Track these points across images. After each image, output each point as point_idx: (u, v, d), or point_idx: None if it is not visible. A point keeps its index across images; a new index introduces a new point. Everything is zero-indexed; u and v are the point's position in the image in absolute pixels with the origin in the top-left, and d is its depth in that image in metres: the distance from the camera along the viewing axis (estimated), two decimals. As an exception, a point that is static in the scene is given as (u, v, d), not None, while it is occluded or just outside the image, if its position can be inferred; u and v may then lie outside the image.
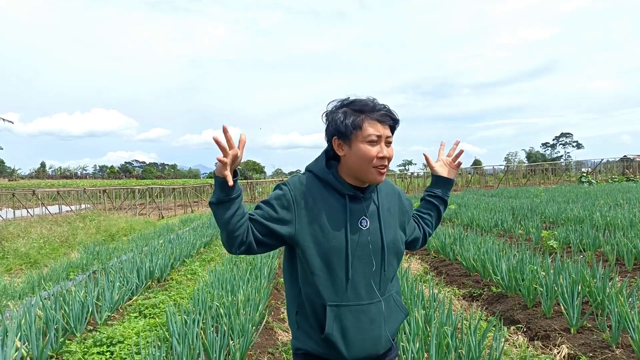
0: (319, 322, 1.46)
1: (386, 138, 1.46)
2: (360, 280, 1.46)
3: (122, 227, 14.09)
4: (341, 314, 1.44)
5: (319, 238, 1.45)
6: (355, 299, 1.45)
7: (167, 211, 24.58)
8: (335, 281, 1.44)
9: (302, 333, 1.50)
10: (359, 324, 1.45)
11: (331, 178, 1.48)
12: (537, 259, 5.03)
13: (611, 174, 31.11)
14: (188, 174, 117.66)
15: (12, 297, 5.47)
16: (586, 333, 3.49)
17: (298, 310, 1.52)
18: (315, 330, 1.47)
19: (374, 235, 1.49)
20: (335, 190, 1.49)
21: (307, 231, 1.45)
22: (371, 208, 1.51)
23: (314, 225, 1.45)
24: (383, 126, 1.44)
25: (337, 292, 1.44)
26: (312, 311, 1.47)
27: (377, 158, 1.43)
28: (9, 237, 10.17)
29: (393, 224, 1.56)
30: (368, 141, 1.42)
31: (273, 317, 4.46)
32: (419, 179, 38.36)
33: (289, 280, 1.56)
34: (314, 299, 1.46)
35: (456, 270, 6.05)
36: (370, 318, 1.47)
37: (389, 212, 1.56)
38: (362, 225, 1.48)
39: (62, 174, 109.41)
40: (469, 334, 2.96)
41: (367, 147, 1.43)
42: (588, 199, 13.34)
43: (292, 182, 1.50)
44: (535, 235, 7.35)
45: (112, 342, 3.64)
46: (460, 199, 17.23)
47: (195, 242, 8.97)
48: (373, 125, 1.43)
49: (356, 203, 1.49)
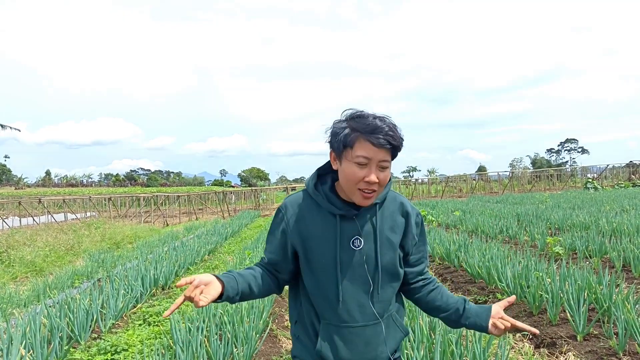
0: (315, 334, 1.46)
1: (379, 162, 1.34)
2: (352, 302, 1.41)
3: (127, 235, 14.13)
4: (332, 333, 1.42)
5: (309, 258, 1.44)
6: (349, 321, 1.41)
7: (171, 219, 24.64)
8: (327, 301, 1.42)
9: (299, 343, 1.51)
10: (352, 346, 1.42)
11: (320, 199, 1.44)
12: (542, 265, 5.00)
13: (617, 179, 30.91)
14: (193, 181, 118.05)
15: (17, 305, 5.49)
16: (593, 340, 3.46)
17: (297, 320, 1.53)
18: (312, 342, 1.47)
19: (369, 255, 1.42)
20: (327, 209, 1.44)
21: (300, 250, 1.45)
22: (366, 227, 1.43)
23: (305, 245, 1.44)
24: (377, 149, 1.32)
25: (329, 311, 1.42)
26: (311, 324, 1.47)
27: (364, 181, 1.34)
28: (15, 245, 10.22)
29: (395, 243, 1.46)
30: (356, 162, 1.34)
31: (277, 324, 4.45)
32: (423, 185, 38.28)
33: (293, 290, 1.57)
34: (310, 313, 1.47)
35: (461, 277, 6.01)
36: (365, 340, 1.43)
37: (392, 231, 1.46)
38: (354, 245, 1.41)
39: (68, 182, 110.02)
40: (473, 341, 2.94)
41: (354, 168, 1.34)
42: (594, 205, 13.25)
43: (285, 205, 1.50)
44: (540, 241, 7.30)
45: (117, 350, 3.65)
46: (465, 205, 17.17)
47: (200, 250, 8.98)
48: (364, 147, 1.33)
49: (349, 222, 1.43)
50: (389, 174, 1.40)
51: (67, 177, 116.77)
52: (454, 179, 36.82)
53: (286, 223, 1.48)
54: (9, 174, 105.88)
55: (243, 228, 16.24)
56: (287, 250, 1.48)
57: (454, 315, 1.52)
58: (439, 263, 7.10)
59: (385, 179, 1.38)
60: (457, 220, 11.93)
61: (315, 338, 1.45)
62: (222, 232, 12.78)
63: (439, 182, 38.46)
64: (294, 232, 1.46)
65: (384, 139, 1.32)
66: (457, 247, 6.86)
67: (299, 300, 1.52)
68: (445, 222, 12.20)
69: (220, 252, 10.28)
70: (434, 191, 35.92)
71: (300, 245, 1.45)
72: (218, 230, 13.10)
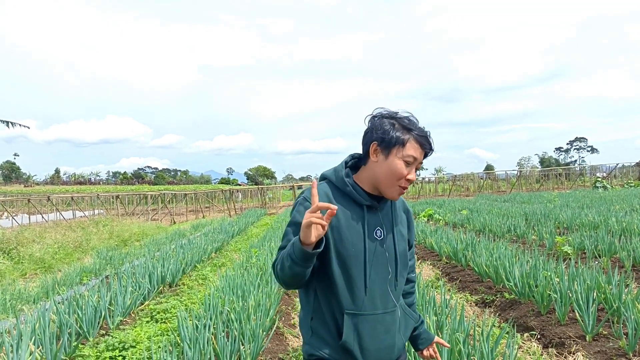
0: (337, 328, 1.48)
1: (419, 163, 1.50)
2: (376, 290, 1.49)
3: (134, 233, 14.22)
4: (358, 323, 1.46)
5: (338, 247, 1.46)
6: (372, 309, 1.48)
7: (178, 216, 24.77)
8: (353, 290, 1.46)
9: (317, 339, 1.50)
10: (374, 333, 1.47)
11: (350, 190, 1.50)
12: (550, 264, 4.96)
13: (627, 178, 30.60)
14: (200, 179, 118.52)
15: (26, 301, 5.55)
16: (602, 340, 3.43)
17: (313, 316, 1.52)
18: (333, 337, 1.48)
19: (388, 245, 1.52)
20: (354, 200, 1.51)
21: (328, 240, 1.46)
22: (386, 219, 1.55)
23: (334, 235, 1.46)
24: (422, 151, 1.48)
25: (354, 301, 1.46)
26: (331, 317, 1.48)
27: (405, 179, 1.47)
28: (24, 242, 10.32)
29: (404, 236, 1.61)
30: (405, 160, 1.46)
31: (284, 322, 4.45)
32: (430, 184, 38.14)
33: (304, 286, 1.55)
34: (332, 306, 1.48)
35: (468, 276, 5.98)
36: (385, 327, 1.50)
37: (402, 224, 1.61)
38: (377, 235, 1.50)
39: (77, 180, 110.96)
40: (481, 340, 2.93)
41: (401, 165, 1.46)
42: (603, 204, 13.12)
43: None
44: (549, 240, 7.24)
45: (124, 346, 3.67)
46: (472, 204, 17.08)
47: (207, 248, 9.01)
48: (414, 147, 1.46)
49: (373, 213, 1.52)
50: None
51: (76, 175, 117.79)
52: (461, 177, 36.66)
53: None
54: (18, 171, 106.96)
55: (249, 226, 16.28)
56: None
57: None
58: (446, 262, 7.07)
59: (415, 179, 1.52)
60: (465, 219, 11.87)
61: (336, 331, 1.47)
62: (229, 230, 12.82)
63: (446, 181, 38.32)
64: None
65: (429, 145, 1.49)
66: (465, 246, 6.83)
67: (313, 295, 1.52)
68: (453, 221, 12.15)
69: (227, 250, 10.31)
70: (441, 190, 35.79)
71: (329, 234, 1.46)
72: (225, 228, 13.14)
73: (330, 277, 1.47)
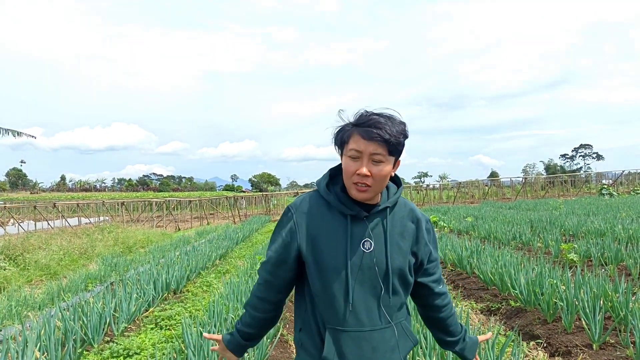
0: (321, 341, 1.43)
1: (370, 155, 1.36)
2: (361, 306, 1.39)
3: (139, 239, 14.25)
4: (340, 339, 1.39)
5: (318, 260, 1.41)
6: (356, 325, 1.39)
7: (183, 223, 24.82)
8: (334, 304, 1.39)
9: (304, 352, 1.47)
10: (359, 351, 1.39)
11: (332, 198, 1.44)
12: (556, 272, 4.92)
13: (633, 185, 30.39)
14: (204, 186, 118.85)
15: (32, 307, 5.57)
16: (609, 349, 3.39)
17: (302, 328, 1.49)
18: (317, 350, 1.43)
19: (379, 258, 1.40)
20: (338, 210, 1.43)
21: (308, 252, 1.43)
22: (377, 229, 1.42)
23: (315, 247, 1.42)
24: (368, 142, 1.34)
25: (336, 316, 1.40)
26: (316, 330, 1.44)
27: (356, 174, 1.36)
28: (30, 249, 10.37)
29: (404, 249, 1.45)
30: (349, 156, 1.38)
31: (287, 329, 4.44)
32: (434, 191, 38.02)
33: (298, 296, 1.54)
34: (316, 318, 1.44)
35: (473, 284, 5.95)
36: (372, 346, 1.40)
37: (401, 236, 1.45)
38: (364, 247, 1.40)
39: (82, 187, 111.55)
40: (486, 348, 2.91)
41: (348, 161, 1.39)
42: (609, 212, 13.03)
43: (295, 205, 1.49)
44: (554, 248, 7.20)
45: (129, 353, 3.68)
46: (477, 211, 17.01)
47: (211, 254, 9.02)
48: (356, 141, 1.36)
49: (359, 223, 1.42)
50: (387, 170, 1.39)
51: (81, 182, 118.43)
52: (466, 184, 36.52)
53: (295, 222, 1.46)
54: (24, 178, 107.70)
55: (254, 233, 16.28)
56: (292, 251, 1.45)
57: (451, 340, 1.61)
58: (451, 269, 7.04)
59: (379, 173, 1.37)
60: (469, 226, 11.82)
61: (321, 345, 1.41)
62: (233, 236, 12.83)
63: (450, 188, 38.17)
64: (303, 232, 1.44)
65: (376, 132, 1.33)
66: (470, 253, 6.80)
67: (304, 306, 1.49)
68: (457, 228, 12.10)
69: (232, 256, 10.31)
70: (446, 197, 35.66)
71: (310, 246, 1.43)
72: (229, 235, 13.16)
73: (314, 291, 1.43)
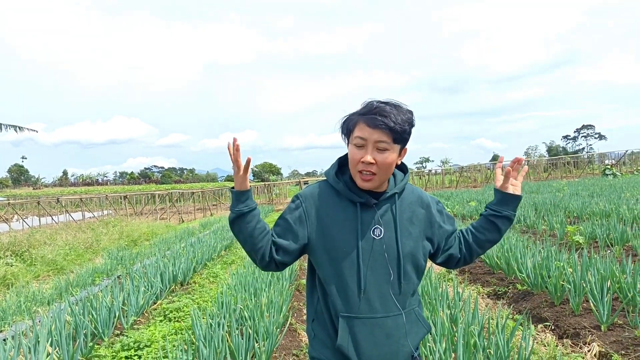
0: (335, 331, 1.43)
1: (375, 142, 1.36)
2: (373, 292, 1.40)
3: (144, 232, 14.30)
4: (353, 326, 1.39)
5: (329, 248, 1.42)
6: (369, 312, 1.40)
7: (186, 215, 24.87)
8: (346, 292, 1.40)
9: (318, 341, 1.48)
10: (373, 338, 1.39)
11: (341, 187, 1.45)
12: (563, 255, 4.92)
13: (636, 165, 30.26)
14: (206, 177, 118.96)
15: (41, 303, 5.61)
16: (617, 330, 3.40)
17: (315, 318, 1.50)
18: (331, 339, 1.43)
19: (389, 244, 1.42)
20: (348, 198, 1.45)
21: (319, 241, 1.44)
22: (386, 216, 1.44)
23: (326, 235, 1.43)
24: (372, 130, 1.35)
25: (349, 303, 1.40)
26: (329, 320, 1.45)
27: (361, 162, 1.38)
28: (35, 245, 10.42)
29: (414, 234, 1.46)
30: (354, 144, 1.40)
31: (296, 318, 4.47)
32: (436, 176, 37.97)
33: (309, 287, 1.55)
34: (329, 307, 1.45)
35: (479, 269, 5.96)
36: (386, 332, 1.40)
37: (410, 222, 1.47)
38: (375, 234, 1.42)
39: (84, 181, 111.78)
40: (496, 332, 2.91)
41: (354, 150, 1.40)
42: (613, 192, 13.00)
43: (304, 194, 1.50)
44: (559, 230, 7.19)
45: (140, 346, 3.70)
46: (480, 195, 16.99)
47: (216, 245, 9.05)
48: (361, 129, 1.38)
49: (369, 211, 1.43)
50: (392, 158, 1.39)
51: (84, 177, 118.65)
52: (468, 168, 36.45)
53: (304, 211, 1.47)
54: (26, 174, 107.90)
55: (258, 223, 16.30)
56: (297, 238, 1.46)
57: (495, 232, 1.56)
58: (456, 254, 7.04)
59: (384, 161, 1.38)
60: (473, 210, 11.82)
61: (335, 334, 1.42)
62: (238, 227, 12.84)
63: (452, 173, 38.12)
64: (312, 220, 1.45)
65: (380, 120, 1.35)
66: (475, 238, 6.79)
67: (316, 297, 1.50)
68: (461, 213, 12.10)
69: (237, 247, 10.34)
70: (448, 182, 35.62)
71: (320, 234, 1.44)
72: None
73: (326, 280, 1.43)
